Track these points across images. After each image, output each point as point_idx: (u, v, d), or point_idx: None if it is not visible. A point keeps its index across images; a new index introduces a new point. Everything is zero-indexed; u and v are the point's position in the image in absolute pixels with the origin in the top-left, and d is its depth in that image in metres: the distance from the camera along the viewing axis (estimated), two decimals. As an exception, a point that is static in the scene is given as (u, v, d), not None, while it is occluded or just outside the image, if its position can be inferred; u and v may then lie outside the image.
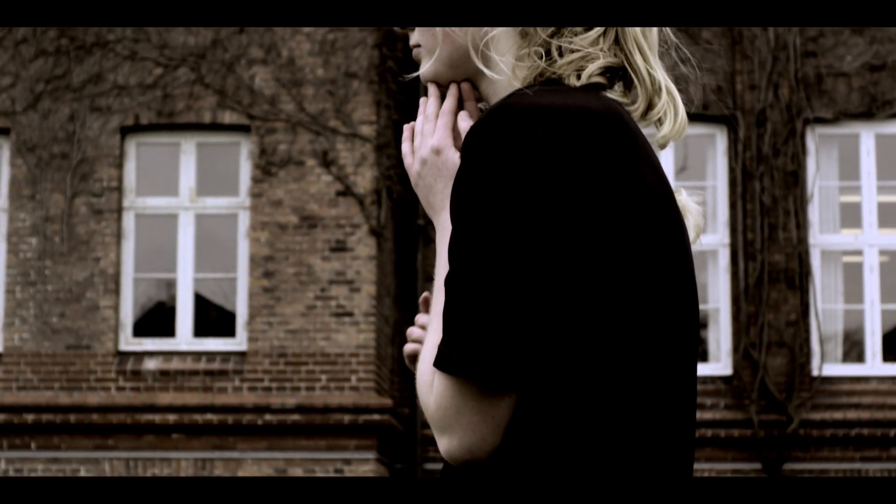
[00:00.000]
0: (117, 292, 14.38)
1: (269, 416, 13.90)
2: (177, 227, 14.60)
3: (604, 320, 1.75)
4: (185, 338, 14.44)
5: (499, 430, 1.75)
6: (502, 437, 1.75)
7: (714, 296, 14.83)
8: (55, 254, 14.38)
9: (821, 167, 14.93)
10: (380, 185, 14.41)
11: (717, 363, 14.75)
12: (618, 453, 1.75)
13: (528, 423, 1.75)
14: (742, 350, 14.56)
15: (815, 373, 14.60)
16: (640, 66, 1.91)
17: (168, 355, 14.33)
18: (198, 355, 14.29)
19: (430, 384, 1.79)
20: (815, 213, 14.85)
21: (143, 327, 14.56)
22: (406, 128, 2.02)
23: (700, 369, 13.78)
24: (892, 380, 14.66)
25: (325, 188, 14.34)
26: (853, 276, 14.95)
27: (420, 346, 2.08)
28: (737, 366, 14.57)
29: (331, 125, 14.41)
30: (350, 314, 14.10)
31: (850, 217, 14.96)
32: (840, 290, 14.91)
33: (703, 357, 14.71)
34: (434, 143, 1.95)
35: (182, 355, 14.31)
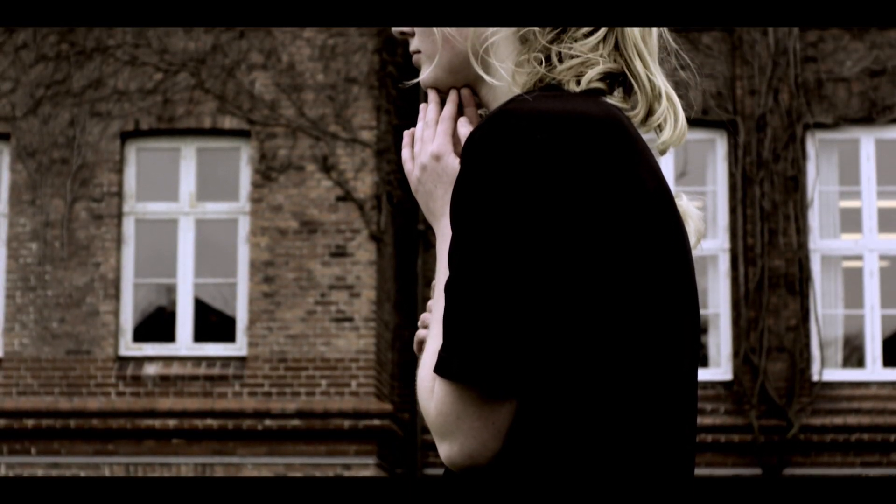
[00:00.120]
0: (117, 297, 14.37)
1: (269, 422, 13.89)
2: (177, 232, 14.60)
3: (604, 326, 1.75)
4: (185, 343, 14.43)
5: (499, 436, 1.75)
6: (503, 443, 1.75)
7: (714, 301, 14.82)
8: (55, 259, 14.38)
9: (821, 172, 14.93)
10: (380, 191, 14.41)
11: (718, 368, 14.74)
12: (618, 459, 1.75)
13: (529, 429, 1.75)
14: (742, 355, 14.55)
15: (816, 378, 14.59)
16: (640, 72, 1.91)
17: (168, 360, 14.32)
18: (198, 360, 14.28)
19: (431, 390, 1.79)
20: (815, 218, 14.85)
21: (144, 332, 14.55)
22: (406, 134, 2.02)
23: (700, 374, 13.76)
24: (893, 385, 14.65)
25: (326, 193, 14.34)
26: (853, 281, 14.94)
27: None
28: (737, 371, 14.56)
29: (331, 130, 14.41)
30: (350, 319, 14.10)
31: (851, 222, 14.96)
32: (840, 295, 14.90)
33: (704, 362, 14.71)
34: (434, 149, 1.95)
35: (182, 360, 14.31)
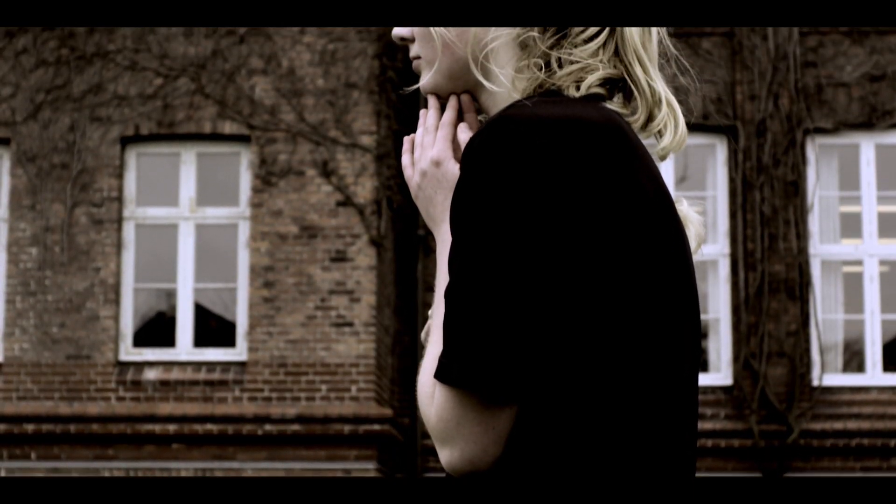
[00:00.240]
0: (117, 302, 14.37)
1: (269, 427, 13.89)
2: (177, 237, 14.60)
3: (604, 331, 1.75)
4: (185, 348, 14.43)
5: (500, 442, 1.75)
6: (504, 449, 1.75)
7: (714, 306, 14.82)
8: (55, 264, 14.38)
9: (821, 177, 14.93)
10: (380, 196, 14.41)
11: (718, 373, 14.74)
12: (619, 464, 1.75)
13: (530, 434, 1.74)
14: (742, 360, 14.55)
15: (816, 383, 14.59)
16: (640, 78, 1.91)
17: (168, 365, 14.32)
18: (198, 365, 14.28)
19: (431, 395, 1.79)
20: (815, 223, 14.85)
21: (144, 337, 14.55)
22: (406, 140, 2.02)
23: (700, 379, 13.75)
24: (893, 390, 14.64)
25: (326, 198, 14.34)
26: (853, 286, 14.94)
27: None
28: (737, 376, 14.56)
29: (331, 135, 14.41)
30: (350, 324, 14.10)
31: (851, 227, 14.96)
32: (840, 300, 14.90)
33: (704, 367, 14.70)
34: (434, 154, 1.95)
35: (182, 365, 14.30)
